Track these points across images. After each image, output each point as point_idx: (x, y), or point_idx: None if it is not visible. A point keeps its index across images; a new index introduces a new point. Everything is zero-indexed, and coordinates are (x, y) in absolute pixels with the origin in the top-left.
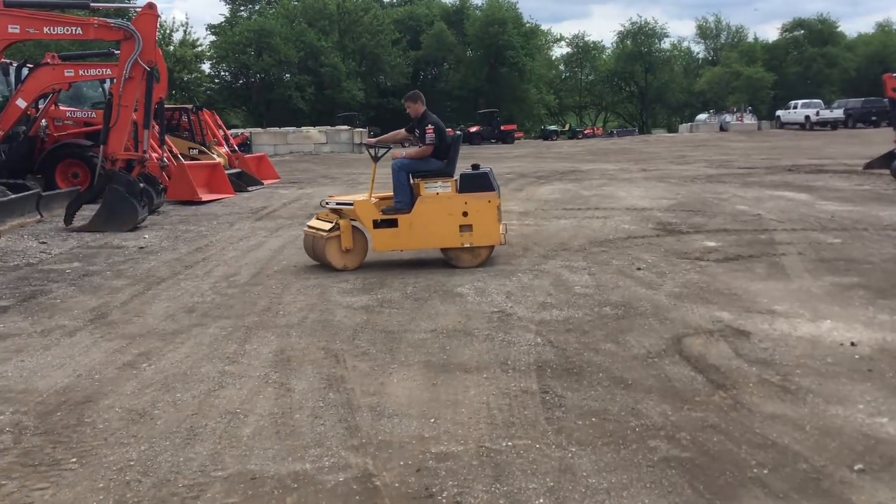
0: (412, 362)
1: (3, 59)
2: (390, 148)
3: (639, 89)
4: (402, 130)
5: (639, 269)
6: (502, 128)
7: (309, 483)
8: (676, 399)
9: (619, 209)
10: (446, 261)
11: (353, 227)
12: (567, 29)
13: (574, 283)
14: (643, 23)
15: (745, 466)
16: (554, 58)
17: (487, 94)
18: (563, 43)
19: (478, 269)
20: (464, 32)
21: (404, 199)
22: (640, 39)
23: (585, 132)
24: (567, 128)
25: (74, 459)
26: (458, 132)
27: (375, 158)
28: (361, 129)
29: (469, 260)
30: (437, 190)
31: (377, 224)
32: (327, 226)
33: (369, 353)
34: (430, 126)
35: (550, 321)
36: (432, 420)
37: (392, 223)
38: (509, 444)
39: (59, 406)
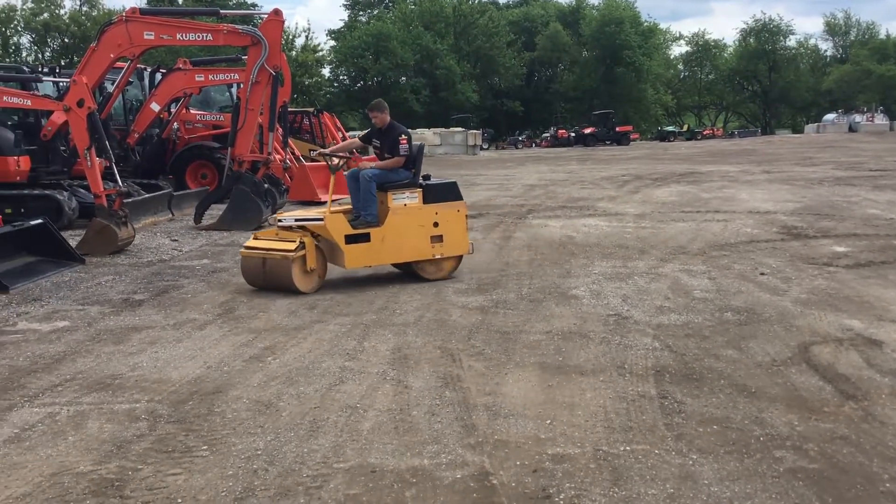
0: (527, 363)
1: (138, 65)
2: (349, 157)
3: (762, 88)
4: (357, 140)
5: (762, 274)
6: (617, 129)
7: (427, 478)
8: (803, 409)
9: (741, 212)
10: (416, 272)
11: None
12: (686, 27)
13: (693, 287)
14: (767, 20)
15: (876, 480)
16: (672, 57)
17: (602, 94)
18: (682, 41)
19: (593, 272)
20: (579, 33)
21: (374, 211)
22: (763, 37)
23: (704, 133)
24: (685, 129)
25: (205, 447)
26: (421, 142)
27: (334, 169)
28: (475, 131)
29: (438, 272)
30: (404, 201)
31: (349, 239)
32: (289, 245)
33: (485, 353)
34: (403, 136)
35: (668, 325)
36: (548, 422)
37: (364, 238)
38: (627, 448)
39: (190, 396)
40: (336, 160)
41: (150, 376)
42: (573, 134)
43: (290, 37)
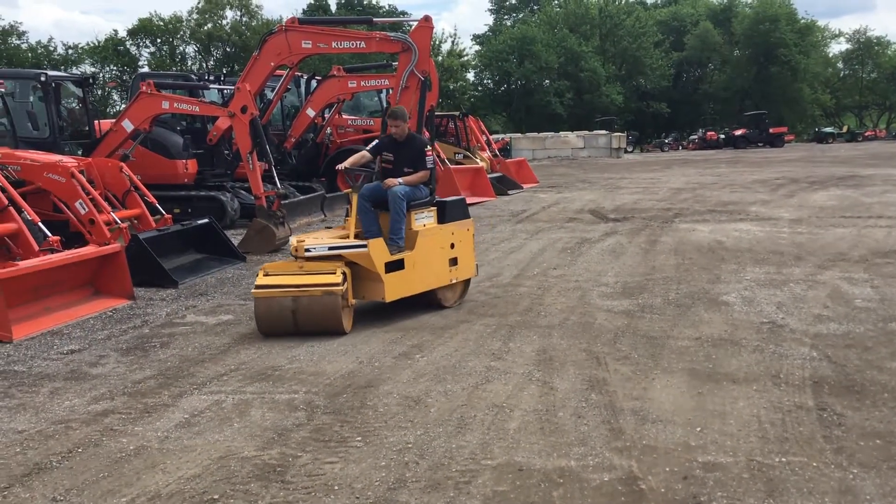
0: (675, 369)
1: (296, 72)
2: (372, 171)
3: None
4: (365, 152)
5: None
6: (770, 130)
7: (574, 480)
8: None
9: None
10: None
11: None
12: (847, 24)
13: (854, 295)
14: None
15: None
16: (831, 55)
17: (755, 94)
18: (841, 39)
19: (745, 279)
20: (731, 31)
21: (403, 234)
22: None
23: (866, 134)
24: (845, 130)
25: (359, 438)
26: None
27: (358, 187)
28: (619, 134)
29: (454, 298)
30: (423, 221)
31: (387, 268)
32: (331, 277)
33: (631, 358)
34: (429, 148)
35: (827, 335)
36: (698, 429)
37: (399, 265)
38: (783, 459)
39: (344, 389)
40: (360, 176)
41: (307, 369)
42: (723, 136)
43: (437, 42)
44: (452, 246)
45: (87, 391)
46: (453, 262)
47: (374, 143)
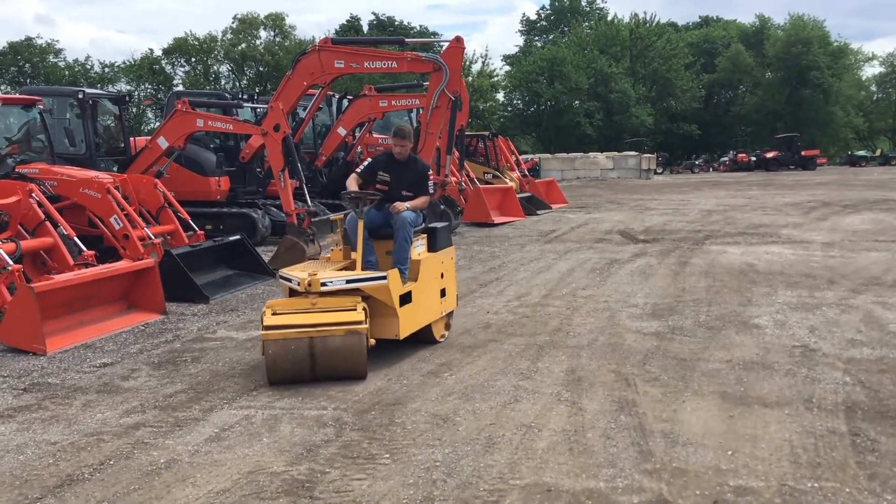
0: (706, 392)
1: (328, 92)
2: (377, 196)
3: None
4: (356, 175)
5: None
6: (803, 153)
7: (603, 501)
8: None
9: None
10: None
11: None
12: (880, 47)
13: (888, 320)
14: None
15: None
16: (864, 78)
17: (786, 117)
18: (875, 62)
19: (777, 302)
20: (763, 53)
21: (409, 264)
22: None
23: None
24: (878, 153)
25: (387, 455)
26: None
27: (361, 214)
28: (649, 155)
29: (443, 332)
30: (419, 250)
31: (401, 300)
32: (353, 314)
33: (661, 380)
34: (430, 171)
35: (861, 360)
36: (729, 452)
37: (408, 298)
38: (815, 485)
39: (372, 406)
40: (368, 200)
41: (336, 385)
42: (754, 158)
43: (468, 62)
44: (442, 276)
45: (119, 404)
46: (443, 293)
47: (366, 163)
